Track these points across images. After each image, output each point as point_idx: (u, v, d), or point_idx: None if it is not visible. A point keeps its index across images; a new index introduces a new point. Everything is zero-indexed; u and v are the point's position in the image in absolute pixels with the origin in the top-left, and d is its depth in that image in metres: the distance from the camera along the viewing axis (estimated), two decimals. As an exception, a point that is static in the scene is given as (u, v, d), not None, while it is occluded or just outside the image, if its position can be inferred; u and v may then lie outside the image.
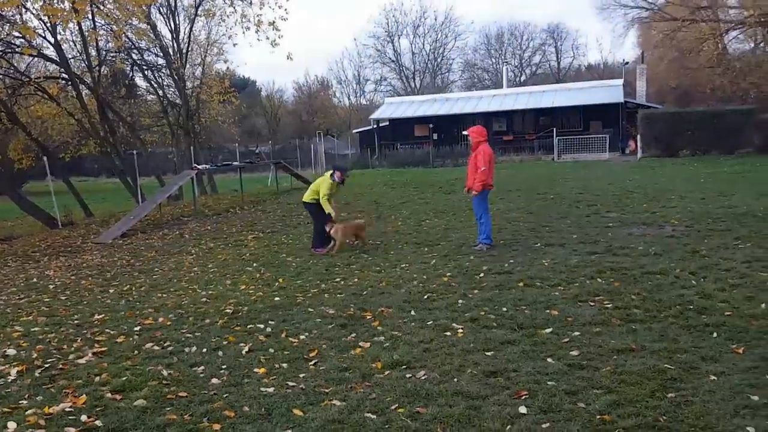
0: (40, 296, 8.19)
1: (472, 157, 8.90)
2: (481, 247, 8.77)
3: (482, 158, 8.65)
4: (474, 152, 8.83)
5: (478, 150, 8.76)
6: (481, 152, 8.72)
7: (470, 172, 8.92)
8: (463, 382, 4.18)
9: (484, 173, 8.65)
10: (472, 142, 8.89)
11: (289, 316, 6.15)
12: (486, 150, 8.77)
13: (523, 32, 59.05)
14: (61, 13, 10.58)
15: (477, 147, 8.79)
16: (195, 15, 24.35)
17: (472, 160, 8.86)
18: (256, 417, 3.87)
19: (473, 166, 8.83)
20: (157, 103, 28.20)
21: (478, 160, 8.69)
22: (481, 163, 8.65)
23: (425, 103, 34.72)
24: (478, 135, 8.89)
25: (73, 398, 4.32)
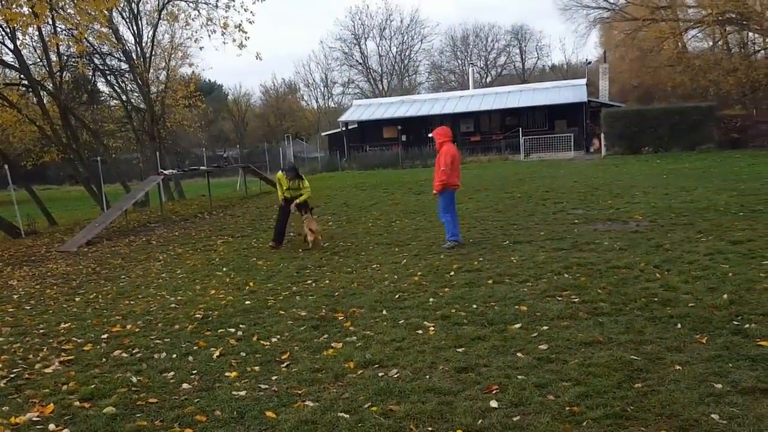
0: (4, 306, 8.00)
1: (438, 158, 8.98)
2: (450, 245, 8.89)
3: (444, 159, 8.77)
4: (440, 152, 8.92)
5: (442, 150, 8.89)
6: (443, 153, 8.83)
7: (435, 172, 9.01)
8: (435, 379, 4.22)
9: (444, 173, 8.76)
10: (437, 143, 9.01)
11: (260, 320, 6.12)
12: (449, 150, 8.87)
13: (488, 34, 59.71)
14: (20, 17, 10.34)
15: (441, 147, 8.91)
16: (158, 19, 24.05)
17: (437, 160, 8.96)
18: (228, 420, 3.85)
19: (437, 165, 8.93)
20: (121, 108, 27.76)
21: (440, 160, 8.81)
22: (441, 163, 8.75)
23: (393, 105, 34.84)
24: (442, 136, 9.02)
25: (40, 407, 4.23)
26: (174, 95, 26.42)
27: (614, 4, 40.12)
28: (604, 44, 44.79)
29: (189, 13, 22.44)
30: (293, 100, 59.91)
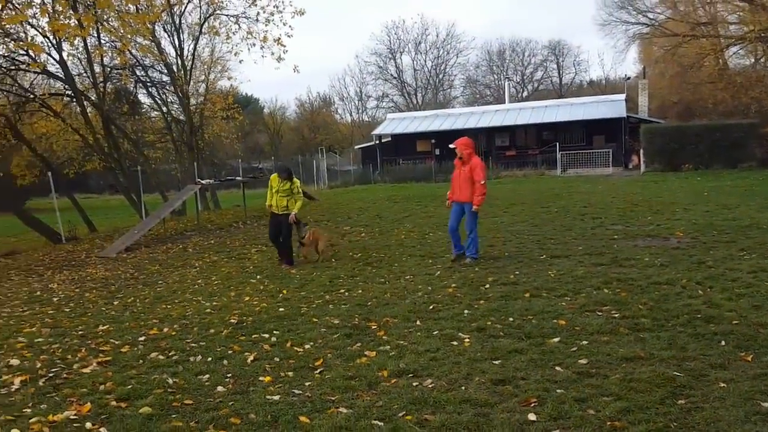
0: (44, 308, 8.17)
1: (464, 170, 8.61)
2: (469, 261, 8.68)
3: (480, 171, 8.47)
4: (466, 165, 8.60)
5: (473, 163, 8.56)
6: (477, 165, 8.53)
7: (463, 186, 8.64)
8: (471, 390, 4.14)
9: (485, 186, 8.52)
10: (464, 155, 8.62)
11: (294, 326, 6.12)
12: (481, 162, 8.64)
13: (525, 48, 59.43)
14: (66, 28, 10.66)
15: (470, 159, 8.59)
16: (200, 32, 24.56)
17: (466, 174, 8.58)
18: (263, 424, 3.84)
19: (467, 179, 8.57)
20: (161, 119, 28.35)
21: (475, 173, 8.46)
22: (480, 176, 8.45)
23: (427, 119, 34.84)
24: (469, 147, 8.69)
25: (77, 406, 4.28)
26: (212, 107, 26.86)
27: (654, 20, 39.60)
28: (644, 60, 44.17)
29: (230, 27, 22.71)
30: (327, 114, 60.45)
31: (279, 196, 9.87)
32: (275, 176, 9.98)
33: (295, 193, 9.92)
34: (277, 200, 9.89)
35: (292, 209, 9.84)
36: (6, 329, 7.00)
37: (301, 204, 10.06)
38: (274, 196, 9.91)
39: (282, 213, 9.88)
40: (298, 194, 9.96)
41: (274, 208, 9.97)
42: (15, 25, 16.53)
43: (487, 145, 32.71)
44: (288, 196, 9.87)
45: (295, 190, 9.91)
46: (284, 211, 9.88)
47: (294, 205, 9.88)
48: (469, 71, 60.49)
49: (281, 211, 9.90)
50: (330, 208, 18.64)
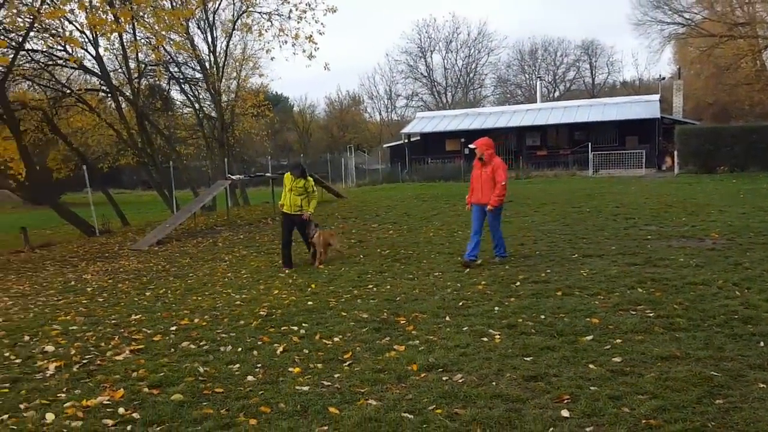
0: (78, 298, 8.33)
1: (486, 170, 8.36)
2: (498, 261, 8.55)
3: (503, 172, 8.29)
4: (488, 165, 8.35)
5: (495, 163, 8.33)
6: (499, 166, 8.32)
7: (485, 187, 8.37)
8: (502, 386, 4.10)
9: (506, 187, 8.34)
10: (485, 155, 8.36)
11: (323, 320, 6.13)
12: (503, 163, 8.44)
13: (557, 48, 58.72)
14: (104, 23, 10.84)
15: (491, 160, 8.35)
16: (233, 29, 24.79)
17: (488, 174, 8.33)
18: (292, 413, 3.85)
19: (489, 180, 8.33)
20: (193, 115, 28.72)
21: (498, 174, 8.24)
22: (502, 177, 8.25)
23: (457, 118, 34.66)
24: (490, 147, 8.43)
25: (110, 392, 4.35)
26: (243, 104, 27.11)
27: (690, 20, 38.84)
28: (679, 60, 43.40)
29: (262, 24, 22.88)
30: (356, 112, 60.54)
31: (293, 195, 9.57)
32: (288, 174, 9.70)
33: (310, 192, 9.65)
34: (291, 199, 9.58)
35: (306, 209, 9.58)
36: (41, 317, 7.15)
37: (315, 203, 9.78)
38: (288, 195, 9.61)
39: (294, 212, 9.59)
40: (312, 193, 9.70)
41: (286, 207, 9.65)
42: (53, 21, 16.87)
43: (517, 145, 32.43)
44: (302, 195, 9.58)
45: (310, 189, 9.62)
46: (297, 211, 9.58)
47: (308, 204, 9.62)
48: (500, 70, 60.05)
49: (294, 211, 9.59)
50: (358, 206, 18.66)
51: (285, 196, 9.67)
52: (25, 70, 19.24)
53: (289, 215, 9.65)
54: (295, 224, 9.65)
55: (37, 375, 4.90)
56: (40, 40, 18.77)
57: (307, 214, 9.54)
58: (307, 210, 9.56)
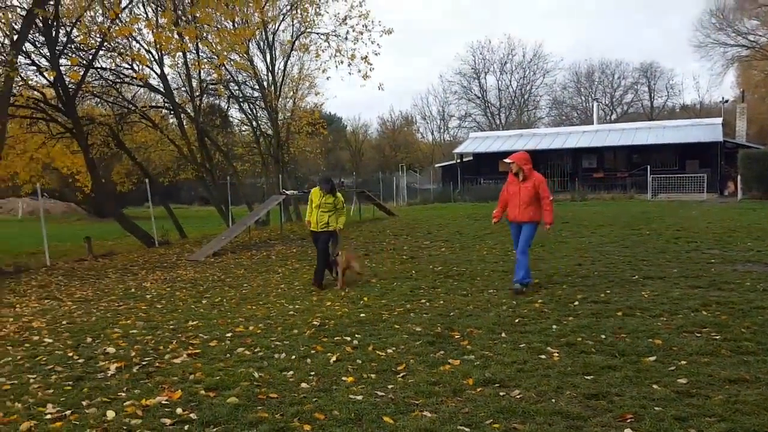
0: (138, 304, 8.54)
1: (525, 186, 7.76)
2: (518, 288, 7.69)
3: (546, 186, 7.77)
4: (528, 181, 7.77)
5: (536, 178, 7.79)
6: (542, 180, 7.81)
7: (524, 204, 7.77)
8: (562, 403, 3.96)
9: (552, 202, 7.81)
10: (524, 170, 7.79)
11: (376, 331, 6.10)
12: (542, 177, 7.94)
13: (615, 70, 57.72)
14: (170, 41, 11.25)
15: (531, 175, 7.81)
16: (291, 50, 25.35)
17: (527, 191, 7.75)
18: (347, 421, 3.81)
19: (529, 196, 7.74)
20: (250, 133, 29.39)
21: (542, 189, 7.73)
22: (547, 192, 7.76)
23: (511, 138, 34.39)
24: (528, 161, 7.89)
25: (168, 393, 4.41)
26: (299, 122, 27.61)
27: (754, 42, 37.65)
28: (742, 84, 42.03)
29: (319, 45, 23.32)
30: (409, 132, 60.81)
31: (320, 212, 9.10)
32: (316, 189, 9.21)
33: (339, 209, 9.19)
34: (318, 216, 9.12)
35: (333, 226, 9.16)
36: (103, 321, 7.36)
37: (344, 219, 9.34)
38: (315, 212, 9.14)
39: (321, 230, 9.14)
40: (341, 209, 9.25)
41: (313, 226, 9.19)
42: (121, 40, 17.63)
43: (573, 167, 31.90)
44: (330, 212, 9.12)
45: (339, 205, 9.18)
46: (323, 228, 9.13)
47: (335, 221, 9.18)
48: (555, 92, 59.37)
49: (320, 228, 9.13)
50: (409, 224, 18.64)
51: (312, 213, 9.20)
52: (94, 87, 20.13)
53: (317, 234, 9.24)
54: (320, 241, 9.18)
55: (99, 374, 5.02)
56: (108, 59, 19.67)
57: (337, 229, 9.23)
58: (335, 226, 9.18)
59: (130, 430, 3.76)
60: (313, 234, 9.32)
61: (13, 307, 8.87)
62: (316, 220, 9.14)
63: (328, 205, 9.07)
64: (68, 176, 22.44)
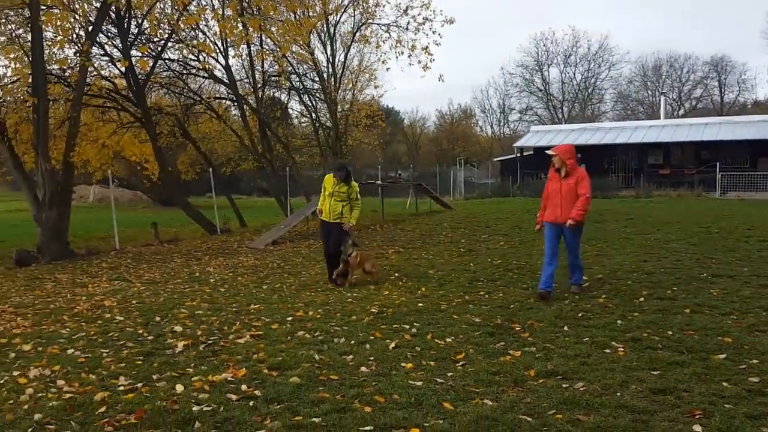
0: (202, 287, 8.81)
1: (568, 182, 7.06)
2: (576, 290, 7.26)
3: (587, 183, 7.08)
4: (571, 177, 7.07)
5: (579, 174, 7.10)
6: (585, 177, 7.11)
7: (566, 203, 7.04)
8: (627, 397, 3.87)
9: (590, 201, 7.05)
10: (567, 165, 7.09)
11: (434, 321, 6.10)
12: (586, 174, 7.22)
13: (683, 64, 55.45)
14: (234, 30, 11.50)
15: (575, 170, 7.11)
16: (351, 41, 25.50)
17: (569, 187, 7.03)
18: (407, 405, 3.84)
19: (571, 193, 7.02)
20: (309, 125, 29.76)
21: (582, 186, 7.00)
22: (586, 190, 7.02)
23: (574, 132, 33.60)
24: (572, 155, 7.18)
25: (234, 370, 4.55)
26: (357, 114, 27.75)
27: (839, 32, 35.45)
28: (824, 77, 39.75)
29: (380, 36, 23.34)
30: (467, 126, 60.24)
31: (333, 201, 8.36)
32: (330, 176, 8.48)
33: (353, 199, 8.42)
34: (330, 205, 8.38)
35: (348, 217, 8.41)
36: (170, 301, 7.64)
37: (359, 213, 8.59)
38: (327, 200, 8.41)
39: (334, 221, 8.41)
40: (356, 200, 8.45)
41: (325, 215, 8.46)
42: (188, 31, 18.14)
43: (638, 163, 30.94)
44: (344, 202, 8.38)
45: (353, 195, 8.41)
46: (336, 219, 8.38)
47: (350, 213, 8.43)
48: (620, 86, 57.55)
49: (333, 218, 8.39)
50: (466, 217, 18.51)
51: (324, 201, 8.48)
52: (162, 78, 20.79)
53: (327, 224, 8.50)
54: (332, 233, 8.43)
55: (167, 351, 5.22)
56: (176, 50, 20.26)
57: (348, 225, 8.40)
58: (348, 220, 8.41)
59: (198, 403, 3.89)
60: (324, 225, 8.59)
61: (86, 287, 9.30)
62: (328, 209, 8.41)
63: (341, 194, 8.35)
64: (136, 165, 23.33)
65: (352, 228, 8.47)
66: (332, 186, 8.36)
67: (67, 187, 14.26)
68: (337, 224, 8.38)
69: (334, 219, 8.38)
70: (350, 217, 8.40)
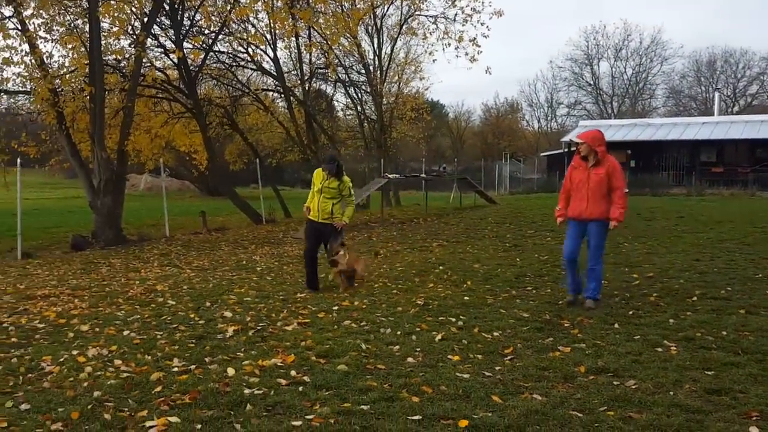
0: (249, 275, 8.97)
1: (597, 172, 6.18)
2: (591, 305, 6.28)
3: (621, 175, 6.24)
4: (601, 166, 6.18)
5: (610, 164, 6.19)
6: (617, 167, 6.23)
7: (593, 196, 6.19)
8: (681, 396, 3.79)
9: (626, 196, 6.26)
10: (598, 152, 6.18)
11: (481, 315, 6.07)
12: (618, 164, 6.30)
13: (739, 60, 53.41)
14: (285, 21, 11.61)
15: (605, 159, 6.22)
16: (398, 33, 25.48)
17: (598, 178, 6.16)
18: (454, 396, 3.84)
19: (599, 185, 6.17)
20: (354, 117, 29.89)
21: (615, 178, 6.16)
22: (621, 182, 6.21)
23: (624, 128, 32.81)
24: (602, 142, 6.27)
25: (283, 356, 4.62)
26: (402, 107, 27.74)
27: None
28: None
29: (427, 27, 23.24)
30: (513, 120, 59.46)
31: (322, 198, 7.35)
32: (319, 171, 7.51)
33: (345, 196, 7.48)
34: (319, 202, 7.36)
35: (338, 217, 7.46)
36: (219, 288, 7.80)
37: (353, 211, 7.69)
38: (315, 197, 7.42)
39: (323, 221, 7.40)
40: (349, 197, 7.52)
41: (313, 213, 7.43)
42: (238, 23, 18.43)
43: (690, 160, 30.04)
44: (334, 199, 7.41)
45: (345, 192, 7.45)
46: (326, 219, 7.38)
47: (340, 212, 7.51)
48: (673, 81, 55.86)
49: (322, 218, 7.38)
50: (512, 212, 18.31)
51: (312, 199, 7.48)
52: (212, 70, 21.19)
53: (314, 223, 7.50)
54: (322, 236, 7.54)
55: (218, 335, 5.34)
56: (226, 43, 20.62)
57: (340, 223, 7.47)
58: (340, 219, 7.48)
59: (249, 386, 3.97)
60: (310, 224, 7.55)
61: (139, 272, 9.58)
62: (316, 208, 7.39)
63: (331, 191, 7.35)
64: (185, 155, 23.87)
65: (345, 227, 7.57)
66: (321, 181, 7.37)
67: (121, 175, 14.69)
68: (325, 224, 7.40)
69: (323, 219, 7.37)
70: (343, 216, 7.48)
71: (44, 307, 6.74)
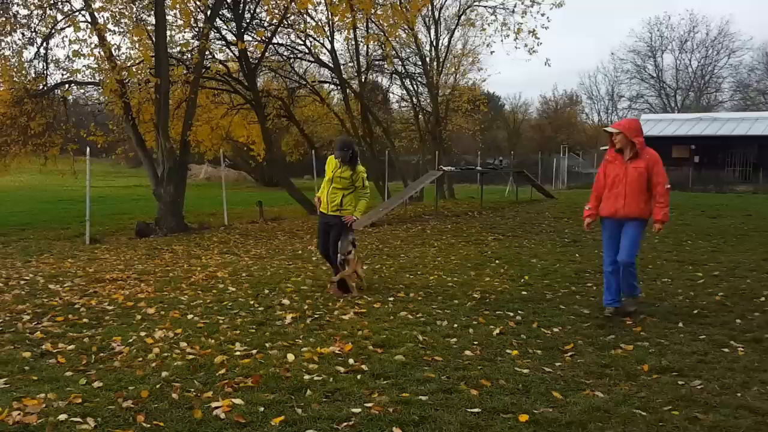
0: (305, 264, 9.11)
1: (635, 166, 5.59)
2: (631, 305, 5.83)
3: (663, 169, 5.63)
4: (639, 159, 5.60)
5: (650, 156, 5.60)
6: (657, 161, 5.61)
7: (631, 192, 5.59)
8: (749, 398, 3.67)
9: (669, 193, 5.66)
10: (637, 144, 5.58)
11: (539, 310, 6.00)
12: (658, 156, 5.67)
13: (813, 51, 50.72)
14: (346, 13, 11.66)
15: (643, 151, 5.61)
16: (456, 25, 25.26)
17: (637, 173, 5.57)
18: (514, 391, 3.81)
19: (638, 181, 5.57)
20: (409, 109, 29.83)
21: (657, 173, 5.57)
22: (664, 177, 5.61)
23: (688, 122, 31.70)
24: (640, 132, 5.67)
25: (340, 344, 4.69)
26: (459, 99, 27.51)
27: None
28: None
29: (486, 18, 22.95)
30: (572, 113, 58.17)
31: (332, 188, 6.66)
32: (332, 158, 6.77)
33: (359, 187, 6.69)
34: (329, 193, 6.67)
35: (349, 209, 6.68)
36: (277, 276, 7.96)
37: (365, 204, 6.85)
38: (326, 187, 6.76)
39: (332, 213, 6.70)
40: (362, 188, 6.73)
41: (323, 205, 6.79)
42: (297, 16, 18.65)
43: (758, 157, 28.79)
44: (346, 190, 6.65)
45: (359, 183, 6.67)
46: (335, 211, 6.67)
47: (353, 204, 6.70)
48: (741, 74, 53.49)
49: (331, 210, 6.68)
50: (570, 207, 17.96)
51: (323, 189, 6.83)
52: (271, 62, 21.51)
53: (325, 216, 6.83)
54: (331, 229, 6.82)
55: (277, 322, 5.46)
56: (284, 35, 20.88)
57: (351, 218, 6.69)
58: (351, 212, 6.70)
59: (308, 372, 4.05)
60: (322, 217, 6.93)
61: (200, 258, 9.85)
62: (326, 199, 6.73)
63: (343, 181, 6.61)
64: (243, 146, 24.36)
65: (355, 222, 6.84)
66: (333, 169, 6.68)
67: (183, 164, 15.10)
68: (336, 217, 6.69)
69: (333, 211, 6.69)
70: (354, 209, 6.70)
71: (112, 290, 7.02)
